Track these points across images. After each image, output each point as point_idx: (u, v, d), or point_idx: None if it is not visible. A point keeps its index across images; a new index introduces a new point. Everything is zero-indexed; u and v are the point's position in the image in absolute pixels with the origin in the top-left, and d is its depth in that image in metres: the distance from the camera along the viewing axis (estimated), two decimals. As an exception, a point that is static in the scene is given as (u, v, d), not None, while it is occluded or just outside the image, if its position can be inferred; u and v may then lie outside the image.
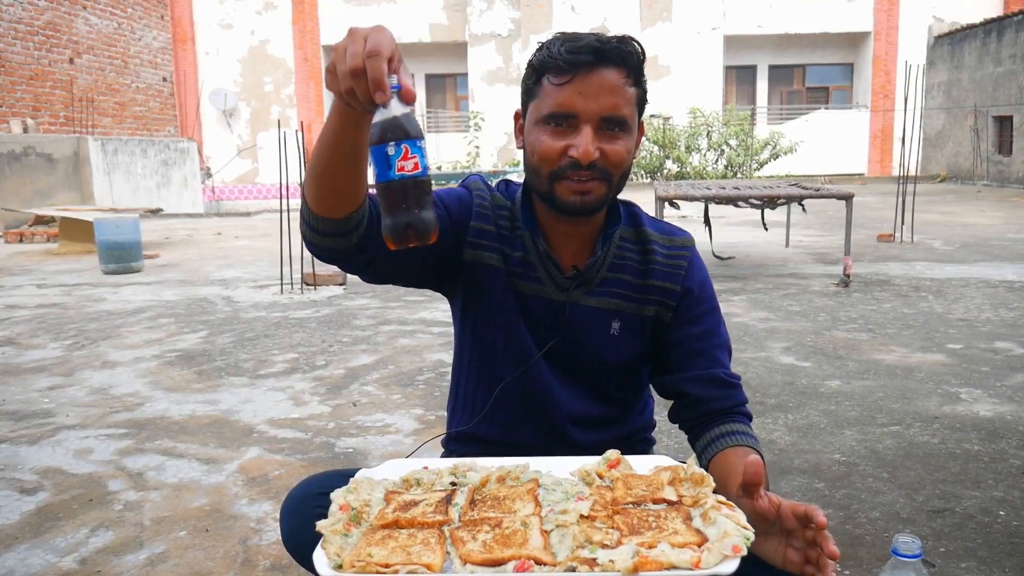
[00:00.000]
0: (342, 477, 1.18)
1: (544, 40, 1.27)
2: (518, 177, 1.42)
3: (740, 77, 22.78)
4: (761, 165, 19.11)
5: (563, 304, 1.34)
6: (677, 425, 1.39)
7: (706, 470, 1.25)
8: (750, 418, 1.33)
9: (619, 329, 1.35)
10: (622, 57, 1.22)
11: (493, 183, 1.43)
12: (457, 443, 1.47)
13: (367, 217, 1.16)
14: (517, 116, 1.33)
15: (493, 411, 1.39)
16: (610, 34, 1.25)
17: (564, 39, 1.23)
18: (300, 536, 1.15)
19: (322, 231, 1.14)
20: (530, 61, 1.27)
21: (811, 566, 0.97)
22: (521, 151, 1.33)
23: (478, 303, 1.37)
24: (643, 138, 1.32)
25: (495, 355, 1.38)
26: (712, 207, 8.02)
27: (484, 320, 1.38)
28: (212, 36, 21.84)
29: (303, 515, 1.15)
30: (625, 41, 1.23)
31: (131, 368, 3.95)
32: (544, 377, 1.37)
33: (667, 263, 1.37)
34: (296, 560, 1.22)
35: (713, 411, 1.31)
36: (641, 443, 1.48)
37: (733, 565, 0.91)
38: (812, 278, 6.20)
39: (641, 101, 1.27)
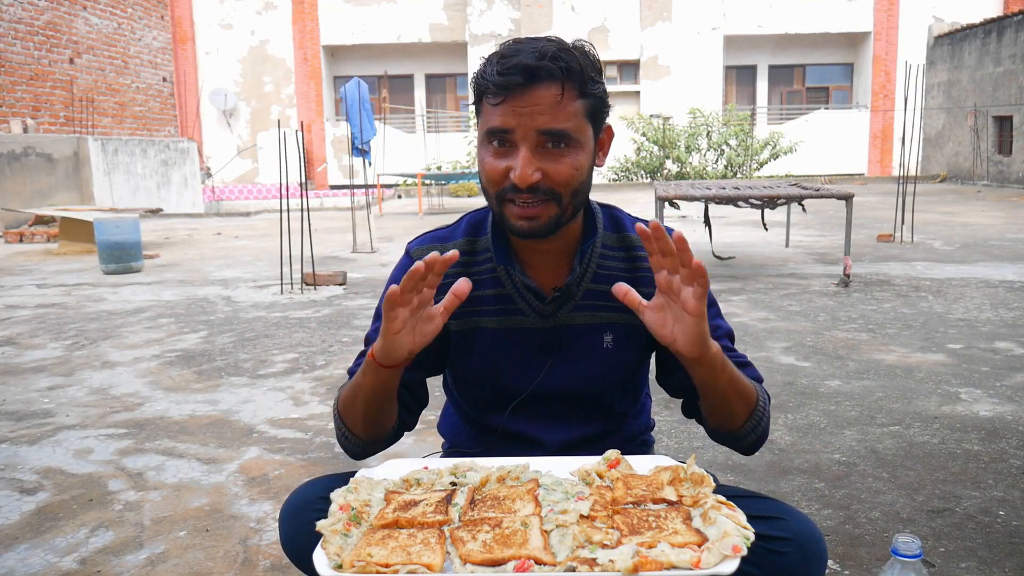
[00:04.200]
0: (340, 481, 1.18)
1: (490, 54, 1.23)
2: None
3: (740, 77, 22.79)
4: (761, 165, 19.11)
5: (551, 329, 1.32)
6: (694, 419, 1.36)
7: (704, 411, 1.27)
8: (766, 394, 1.30)
9: (612, 342, 1.33)
10: (555, 73, 1.16)
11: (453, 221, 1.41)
12: (455, 453, 1.48)
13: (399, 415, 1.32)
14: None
15: (487, 452, 1.41)
16: (564, 40, 1.20)
17: (501, 56, 1.18)
18: (299, 541, 1.15)
19: (371, 448, 1.31)
20: (473, 79, 1.24)
21: (687, 288, 1.07)
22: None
23: (454, 362, 1.40)
24: (611, 143, 1.29)
25: (479, 403, 1.41)
26: (712, 207, 8.02)
27: (463, 374, 1.40)
28: (212, 36, 21.85)
29: (302, 520, 1.14)
30: (560, 56, 1.16)
31: (131, 368, 3.95)
32: (524, 418, 1.37)
33: None
34: (295, 564, 1.22)
35: None
36: (640, 446, 1.47)
37: (733, 565, 0.91)
38: (812, 278, 6.20)
39: (594, 110, 1.21)
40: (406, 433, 1.42)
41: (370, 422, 1.25)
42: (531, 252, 1.31)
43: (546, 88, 1.16)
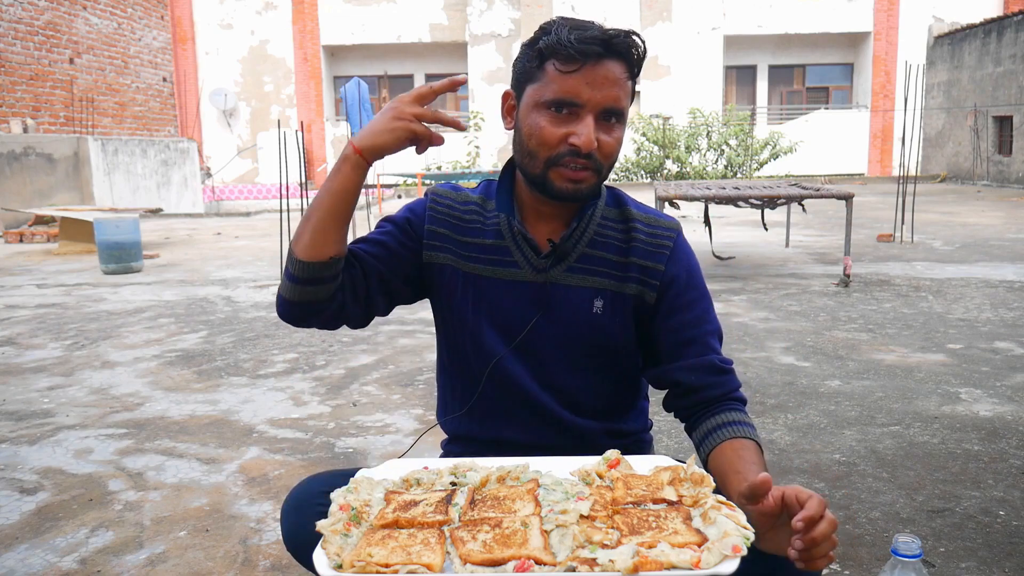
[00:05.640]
0: (343, 477, 1.18)
1: (546, 24, 1.27)
2: None
3: (740, 77, 22.78)
4: (761, 165, 19.11)
5: (542, 285, 1.34)
6: (672, 414, 1.38)
7: (706, 462, 1.26)
8: (744, 403, 1.33)
9: (602, 308, 1.35)
10: (627, 50, 1.23)
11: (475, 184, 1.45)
12: (453, 444, 1.48)
13: (342, 269, 1.30)
14: (507, 96, 1.32)
15: (476, 411, 1.40)
16: (611, 26, 1.25)
17: (571, 26, 1.22)
18: (300, 536, 1.16)
19: (305, 279, 1.27)
20: (534, 44, 1.26)
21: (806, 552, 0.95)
22: (511, 132, 1.32)
23: (443, 303, 1.41)
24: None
25: (465, 354, 1.40)
26: (712, 207, 8.02)
27: (451, 320, 1.41)
28: (212, 36, 21.84)
29: (304, 514, 1.15)
30: (631, 35, 1.23)
31: (131, 368, 3.95)
32: (514, 372, 1.37)
33: (649, 241, 1.35)
34: (296, 559, 1.22)
35: (708, 399, 1.30)
36: (637, 444, 1.48)
37: (733, 565, 0.91)
38: (812, 278, 6.20)
39: (633, 94, 1.29)
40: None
41: (318, 232, 1.26)
42: (534, 211, 1.35)
43: (615, 63, 1.23)
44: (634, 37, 1.24)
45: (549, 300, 1.34)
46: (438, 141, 1.28)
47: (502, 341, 1.36)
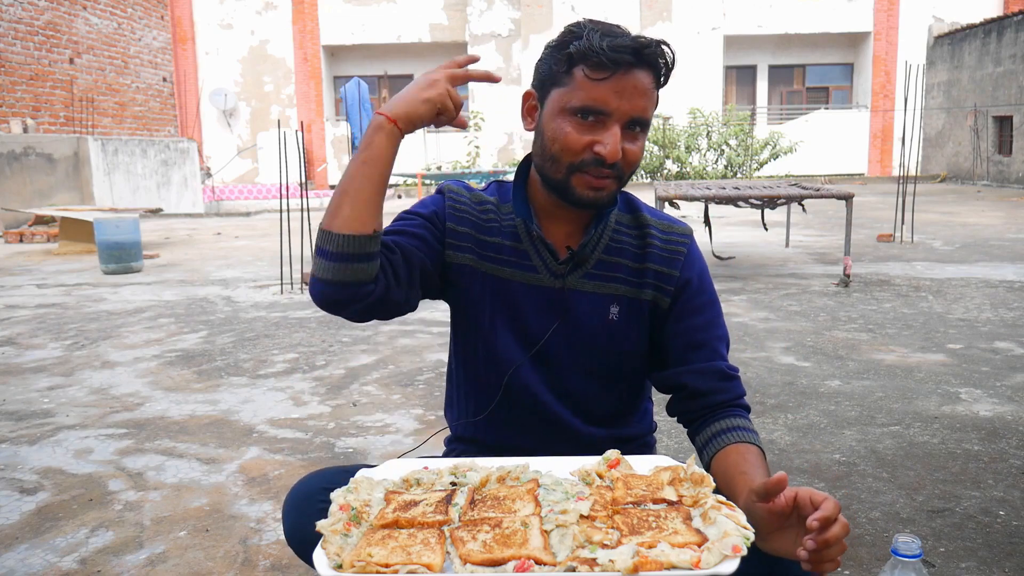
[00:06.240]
0: (345, 473, 1.18)
1: (574, 27, 1.24)
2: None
3: (740, 77, 22.78)
4: (761, 165, 19.11)
5: (560, 291, 1.34)
6: (676, 419, 1.38)
7: (708, 466, 1.26)
8: (748, 410, 1.33)
9: (618, 314, 1.35)
10: (657, 61, 1.22)
11: (482, 185, 1.45)
12: (458, 443, 1.48)
13: (380, 254, 1.23)
14: (528, 96, 1.30)
15: (487, 416, 1.39)
16: (637, 33, 1.24)
17: (603, 32, 1.20)
18: (302, 532, 1.16)
19: (347, 254, 1.18)
20: (564, 48, 1.23)
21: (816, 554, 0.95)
22: (532, 134, 1.31)
23: (459, 304, 1.39)
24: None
25: (478, 357, 1.39)
26: (712, 207, 8.02)
27: (465, 321, 1.39)
28: (212, 36, 21.84)
29: (306, 511, 1.15)
30: (661, 45, 1.22)
31: (131, 368, 3.95)
32: (528, 380, 1.36)
33: (664, 248, 1.36)
34: (298, 555, 1.22)
35: (714, 404, 1.31)
36: (641, 447, 1.48)
37: (733, 565, 0.91)
38: (812, 278, 6.20)
39: (657, 103, 1.29)
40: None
41: (359, 203, 1.19)
42: (551, 216, 1.34)
43: (644, 73, 1.22)
44: (664, 47, 1.22)
45: (567, 306, 1.34)
46: (462, 124, 1.29)
47: (519, 346, 1.35)
